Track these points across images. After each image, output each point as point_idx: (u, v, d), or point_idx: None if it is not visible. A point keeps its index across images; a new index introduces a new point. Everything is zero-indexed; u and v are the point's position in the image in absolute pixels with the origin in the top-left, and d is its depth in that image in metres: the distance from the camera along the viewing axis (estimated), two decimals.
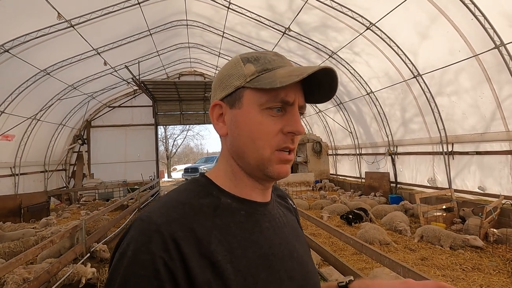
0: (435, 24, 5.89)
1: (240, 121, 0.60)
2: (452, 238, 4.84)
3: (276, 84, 0.55)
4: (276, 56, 0.63)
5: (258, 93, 0.58)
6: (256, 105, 0.58)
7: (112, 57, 9.59)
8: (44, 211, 8.71)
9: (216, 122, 0.64)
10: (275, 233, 0.63)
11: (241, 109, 0.60)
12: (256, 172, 0.61)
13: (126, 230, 0.53)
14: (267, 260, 0.57)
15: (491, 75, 5.56)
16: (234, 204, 0.60)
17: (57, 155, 12.29)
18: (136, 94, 14.47)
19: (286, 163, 0.61)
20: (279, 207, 0.72)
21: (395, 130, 8.88)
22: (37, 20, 6.50)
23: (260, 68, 0.60)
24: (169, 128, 31.60)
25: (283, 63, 0.62)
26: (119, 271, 0.47)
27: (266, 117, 0.58)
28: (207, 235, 0.52)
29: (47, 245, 3.32)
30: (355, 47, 8.18)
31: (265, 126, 0.58)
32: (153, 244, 0.47)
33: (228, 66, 0.64)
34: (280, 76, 0.56)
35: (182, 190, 0.61)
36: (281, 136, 0.59)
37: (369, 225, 5.78)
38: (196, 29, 10.49)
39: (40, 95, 9.23)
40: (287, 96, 0.58)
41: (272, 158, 0.59)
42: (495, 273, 3.90)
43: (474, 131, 6.34)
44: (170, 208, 0.54)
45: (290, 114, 0.59)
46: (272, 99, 0.58)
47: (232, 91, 0.61)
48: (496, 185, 6.03)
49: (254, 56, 0.62)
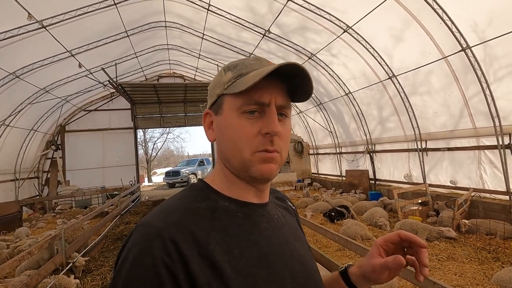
0: (408, 28, 6.20)
1: (222, 126, 0.63)
2: (428, 230, 5.12)
3: (243, 86, 0.57)
4: (256, 60, 0.65)
5: (234, 98, 0.60)
6: (234, 109, 0.60)
7: (87, 59, 9.24)
8: (17, 222, 8.23)
9: (207, 129, 0.68)
10: (274, 233, 0.64)
11: (222, 115, 0.63)
12: (242, 174, 0.63)
13: (128, 236, 0.55)
14: (267, 260, 0.58)
15: (458, 75, 5.93)
16: (232, 206, 0.62)
17: (28, 162, 11.64)
18: (113, 97, 14.00)
19: (270, 162, 0.60)
20: (278, 208, 0.74)
21: (373, 129, 9.22)
22: (6, 21, 6.16)
23: (236, 74, 0.62)
24: (149, 131, 30.88)
25: (260, 66, 0.62)
26: (121, 275, 0.49)
27: (244, 120, 0.60)
28: (205, 237, 0.54)
29: (25, 257, 3.17)
30: (333, 49, 8.42)
31: (243, 129, 0.60)
32: (154, 248, 0.49)
33: (215, 77, 0.67)
34: (249, 78, 0.58)
35: (181, 195, 0.62)
36: (259, 138, 0.59)
37: (351, 221, 5.97)
38: (175, 30, 10.35)
39: (10, 100, 8.72)
40: (261, 97, 0.59)
41: (253, 159, 0.60)
42: (467, 261, 4.16)
43: (445, 128, 6.73)
44: (169, 213, 0.56)
45: (266, 115, 0.60)
46: (246, 102, 0.59)
47: (215, 99, 0.65)
48: (466, 179, 6.44)
49: (234, 63, 0.65)
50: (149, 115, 14.73)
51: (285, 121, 0.64)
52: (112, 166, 13.76)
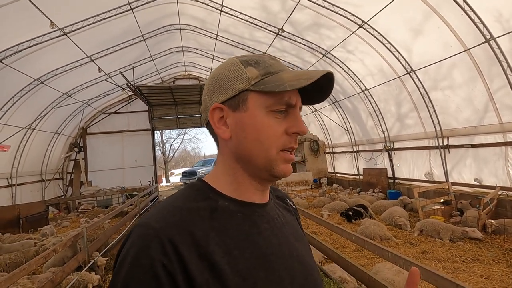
0: (427, 21, 5.98)
1: (247, 124, 0.61)
2: (451, 231, 4.91)
3: (286, 87, 0.57)
4: (273, 60, 0.65)
5: (263, 96, 0.60)
6: (262, 107, 0.60)
7: (106, 64, 9.56)
8: (43, 221, 8.64)
9: (218, 125, 0.63)
10: (273, 233, 0.63)
11: (246, 112, 0.60)
12: (262, 173, 0.63)
13: (127, 237, 0.54)
14: (266, 260, 0.57)
15: (482, 68, 5.65)
16: (232, 206, 0.61)
17: (53, 164, 12.20)
18: (131, 100, 14.41)
19: (289, 163, 0.64)
20: (278, 208, 0.73)
21: (391, 126, 8.97)
22: (30, 29, 6.48)
23: (263, 71, 0.61)
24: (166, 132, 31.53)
25: (282, 67, 0.64)
26: (120, 276, 0.49)
27: (272, 119, 0.60)
28: (204, 237, 0.53)
29: (50, 254, 3.31)
30: (349, 45, 8.25)
31: (271, 128, 0.60)
32: (152, 249, 0.49)
33: (227, 69, 0.63)
34: (288, 79, 0.58)
35: (179, 195, 0.62)
36: (285, 137, 0.61)
37: (369, 221, 5.83)
38: (189, 32, 10.50)
39: (35, 104, 9.17)
40: (291, 98, 0.61)
41: (278, 158, 0.61)
42: (494, 263, 3.96)
43: (468, 124, 6.43)
44: (168, 213, 0.55)
45: (293, 116, 0.62)
46: (278, 102, 0.60)
47: (235, 94, 0.61)
48: (491, 177, 6.13)
49: (253, 59, 0.63)
50: (165, 117, 15.04)
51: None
52: (131, 167, 14.18)
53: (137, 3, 7.49)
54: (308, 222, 6.67)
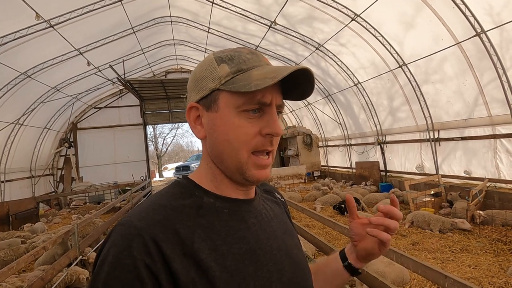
0: (419, 14, 5.97)
1: (218, 125, 0.59)
2: (441, 222, 5.01)
3: (251, 87, 0.54)
4: (251, 54, 0.61)
5: (234, 95, 0.57)
6: (233, 107, 0.57)
7: (95, 57, 9.34)
8: (34, 218, 8.50)
9: (194, 125, 0.63)
10: (261, 228, 0.63)
11: (217, 112, 0.58)
12: (236, 175, 0.61)
13: (107, 236, 0.52)
14: (255, 255, 0.57)
15: (473, 62, 5.70)
16: (218, 203, 0.60)
17: (43, 159, 11.98)
18: (122, 94, 14.18)
19: (265, 168, 0.60)
20: (266, 202, 0.72)
21: (383, 119, 9.03)
22: (15, 21, 6.26)
23: (234, 69, 0.58)
24: (158, 127, 31.23)
25: (259, 62, 0.60)
26: (100, 277, 0.47)
27: (244, 120, 0.57)
28: (190, 235, 0.52)
29: (39, 252, 3.26)
30: (341, 39, 8.22)
31: (242, 129, 0.57)
32: (134, 248, 0.47)
33: (203, 67, 0.61)
34: (255, 78, 0.55)
35: (164, 193, 0.60)
36: (259, 138, 0.58)
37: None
38: (180, 25, 10.31)
39: (22, 99, 8.94)
40: (264, 97, 0.57)
41: (249, 162, 0.58)
42: (482, 253, 4.06)
43: (459, 117, 6.51)
44: (151, 211, 0.53)
45: (268, 115, 0.58)
46: (248, 102, 0.56)
47: (208, 94, 0.59)
48: (480, 169, 6.24)
49: (228, 55, 0.60)
50: (158, 111, 14.86)
51: (279, 119, 0.63)
52: (124, 162, 14.03)
53: None
54: (301, 215, 6.72)
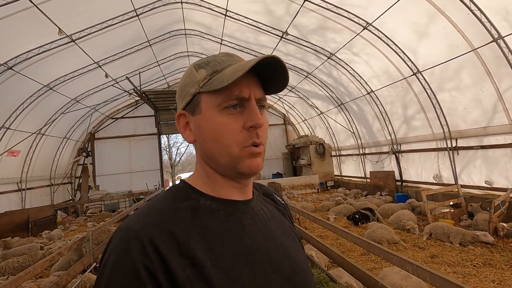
0: (432, 21, 5.90)
1: (203, 126, 0.61)
2: (461, 235, 4.79)
3: (224, 83, 0.56)
4: (226, 56, 0.64)
5: (213, 95, 0.60)
6: (214, 107, 0.60)
7: (113, 69, 9.71)
8: (52, 225, 8.74)
9: (184, 131, 0.66)
10: (258, 228, 0.63)
11: (201, 114, 0.61)
12: (229, 171, 0.62)
13: (108, 241, 0.55)
14: (251, 255, 0.57)
15: (490, 68, 5.54)
16: (214, 205, 0.61)
17: (62, 168, 12.39)
18: (138, 105, 14.59)
19: (256, 157, 0.61)
20: (264, 204, 0.73)
21: (398, 128, 8.85)
22: (39, 37, 6.62)
23: (210, 71, 0.61)
24: (172, 136, 31.74)
25: (233, 61, 0.63)
26: (102, 281, 0.50)
27: (226, 117, 0.59)
28: (185, 236, 0.53)
29: (55, 258, 3.34)
30: (354, 48, 8.20)
31: (227, 126, 0.59)
32: (132, 251, 0.49)
33: (185, 76, 0.65)
34: (227, 74, 0.58)
35: (161, 197, 0.62)
36: (245, 132, 0.60)
37: (376, 224, 5.73)
38: (194, 37, 10.61)
39: (44, 110, 9.36)
40: (242, 92, 0.59)
41: (242, 154, 0.60)
42: (507, 268, 3.84)
43: (477, 125, 6.30)
44: (147, 215, 0.56)
45: (248, 109, 0.60)
46: (226, 98, 0.59)
47: (190, 99, 0.62)
48: (502, 179, 5.97)
49: (205, 60, 0.64)
50: (172, 121, 15.13)
51: (263, 113, 0.64)
52: (138, 171, 14.30)
53: (143, 10, 7.61)
54: (314, 225, 6.60)
